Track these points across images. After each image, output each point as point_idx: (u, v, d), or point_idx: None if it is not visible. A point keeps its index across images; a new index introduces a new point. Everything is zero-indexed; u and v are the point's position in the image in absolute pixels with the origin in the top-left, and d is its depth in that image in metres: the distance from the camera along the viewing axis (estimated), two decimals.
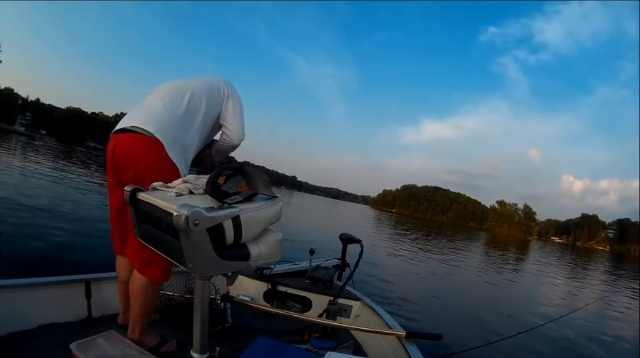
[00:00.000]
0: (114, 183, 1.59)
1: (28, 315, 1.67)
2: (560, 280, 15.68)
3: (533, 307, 8.55)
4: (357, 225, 26.67)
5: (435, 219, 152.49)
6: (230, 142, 1.77)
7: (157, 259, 1.48)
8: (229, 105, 1.73)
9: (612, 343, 6.48)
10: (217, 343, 1.48)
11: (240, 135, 1.77)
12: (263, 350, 1.69)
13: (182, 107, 1.58)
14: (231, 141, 1.77)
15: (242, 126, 1.77)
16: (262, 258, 1.25)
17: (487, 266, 15.70)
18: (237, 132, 1.75)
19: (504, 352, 4.20)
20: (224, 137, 1.77)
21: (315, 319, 2.07)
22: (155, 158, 1.48)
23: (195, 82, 1.70)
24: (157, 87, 1.70)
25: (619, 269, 30.64)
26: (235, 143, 1.78)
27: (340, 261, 2.84)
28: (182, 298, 2.18)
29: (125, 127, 1.51)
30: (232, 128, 1.74)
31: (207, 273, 1.18)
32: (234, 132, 1.75)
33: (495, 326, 6.09)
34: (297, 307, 2.52)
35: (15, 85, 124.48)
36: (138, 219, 1.32)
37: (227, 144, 1.79)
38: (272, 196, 1.30)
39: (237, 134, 1.76)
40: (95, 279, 1.91)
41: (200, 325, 1.24)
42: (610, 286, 16.64)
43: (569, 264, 27.62)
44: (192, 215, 1.00)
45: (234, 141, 1.77)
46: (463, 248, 23.80)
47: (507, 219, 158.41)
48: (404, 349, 1.80)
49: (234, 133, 1.75)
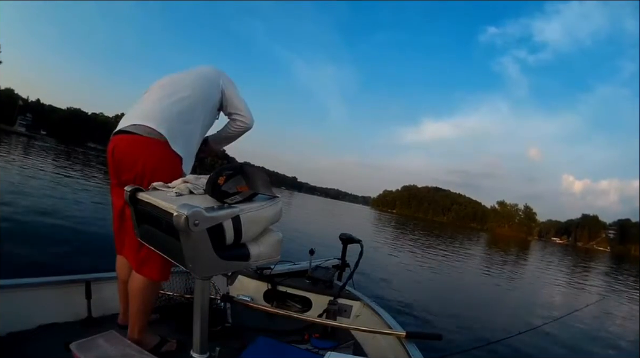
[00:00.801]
0: (115, 183, 1.60)
1: (28, 315, 1.67)
2: (561, 281, 15.66)
3: (533, 308, 8.55)
4: (358, 225, 26.66)
5: (436, 220, 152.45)
6: (245, 126, 1.80)
7: (154, 258, 1.48)
8: (230, 92, 1.76)
9: (612, 343, 6.48)
10: (217, 343, 1.48)
11: (251, 117, 1.81)
12: (263, 350, 1.69)
13: (179, 99, 1.58)
14: (246, 124, 1.80)
15: (249, 109, 1.81)
16: (262, 258, 1.25)
17: (487, 267, 15.68)
18: (249, 115, 1.79)
19: (504, 352, 4.20)
20: (237, 123, 1.79)
21: (315, 319, 2.07)
22: (154, 157, 1.48)
23: (190, 74, 1.72)
24: (153, 84, 1.71)
25: (619, 270, 30.60)
26: (250, 125, 1.82)
27: (340, 261, 2.85)
28: (182, 298, 2.18)
29: (123, 129, 1.51)
30: (243, 113, 1.78)
31: (207, 273, 1.18)
32: (247, 116, 1.79)
33: (495, 326, 6.10)
34: (297, 307, 2.52)
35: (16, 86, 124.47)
36: (138, 220, 1.32)
37: (241, 129, 1.81)
38: (272, 196, 1.30)
39: (249, 116, 1.80)
40: (95, 279, 1.91)
41: (200, 325, 1.24)
42: (610, 287, 16.64)
43: (569, 265, 27.58)
44: (192, 215, 1.00)
45: (249, 124, 1.81)
46: (463, 248, 23.79)
47: (508, 219, 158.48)
48: (404, 349, 1.80)
49: (247, 117, 1.79)
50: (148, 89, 1.70)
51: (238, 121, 1.79)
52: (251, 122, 1.80)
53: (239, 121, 1.79)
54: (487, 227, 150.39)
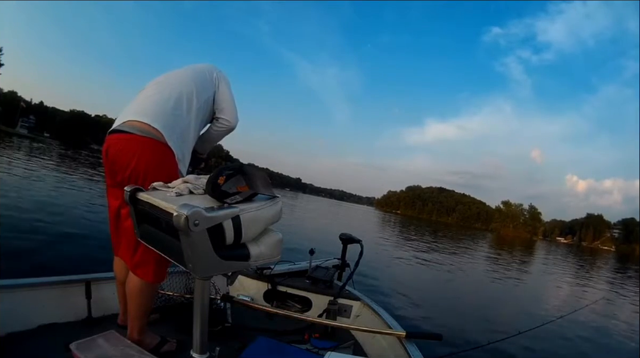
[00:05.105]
0: (111, 184, 1.60)
1: (28, 315, 1.68)
2: (564, 281, 15.60)
3: (534, 307, 8.52)
4: (359, 226, 26.62)
5: (440, 221, 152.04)
6: (228, 126, 1.78)
7: (150, 260, 1.49)
8: (223, 87, 1.75)
9: (613, 343, 6.45)
10: (217, 343, 1.48)
11: (236, 117, 1.78)
12: (263, 350, 1.69)
13: (174, 94, 1.58)
14: (230, 124, 1.77)
15: (236, 109, 1.78)
16: (262, 258, 1.25)
17: (490, 267, 15.61)
18: (234, 115, 1.77)
19: (504, 352, 4.19)
20: (220, 122, 1.77)
21: (315, 319, 2.07)
22: (148, 157, 1.47)
23: (185, 70, 1.72)
24: (149, 83, 1.71)
25: (623, 269, 30.44)
26: (233, 125, 1.79)
27: (340, 261, 2.85)
28: (182, 298, 2.18)
29: (117, 128, 1.51)
30: (228, 112, 1.76)
31: (207, 273, 1.18)
32: (231, 116, 1.76)
33: (496, 326, 6.08)
34: (297, 307, 2.52)
35: (19, 88, 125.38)
36: (138, 220, 1.32)
37: (224, 129, 1.79)
38: (272, 196, 1.30)
39: (234, 117, 1.77)
40: (95, 279, 1.92)
41: (200, 325, 1.24)
42: (613, 286, 16.53)
43: (573, 264, 27.44)
44: (192, 215, 0.99)
45: (232, 124, 1.78)
46: (467, 249, 23.72)
47: (513, 220, 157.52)
48: (404, 349, 1.80)
49: (231, 117, 1.76)
50: (144, 87, 1.69)
51: (221, 120, 1.77)
52: (235, 122, 1.78)
53: (221, 119, 1.76)
54: (492, 227, 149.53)
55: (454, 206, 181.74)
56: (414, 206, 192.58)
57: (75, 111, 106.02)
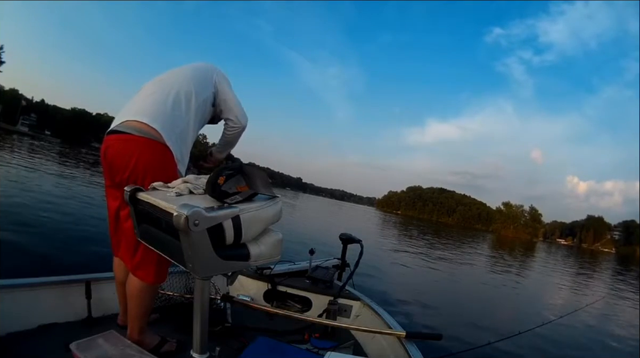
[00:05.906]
0: (109, 185, 1.59)
1: (28, 315, 1.67)
2: (564, 282, 15.60)
3: (534, 308, 8.54)
4: (360, 226, 26.61)
5: (441, 221, 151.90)
6: (238, 126, 1.77)
7: (150, 261, 1.48)
8: (223, 90, 1.73)
9: (613, 343, 6.45)
10: (217, 343, 1.48)
11: (244, 116, 1.77)
12: (263, 350, 1.69)
13: (172, 93, 1.57)
14: (240, 124, 1.76)
15: (242, 108, 1.77)
16: (262, 258, 1.25)
17: (491, 268, 15.61)
18: (241, 115, 1.76)
19: (504, 352, 4.19)
20: (230, 124, 1.76)
21: (316, 319, 2.07)
22: (146, 157, 1.46)
23: (183, 69, 1.71)
24: (147, 82, 1.69)
25: (623, 270, 30.41)
26: (244, 125, 1.78)
27: (340, 261, 2.85)
28: (182, 298, 2.18)
29: (115, 129, 1.50)
30: (235, 113, 1.74)
31: (207, 273, 1.18)
32: (239, 116, 1.75)
33: (496, 326, 6.08)
34: (297, 307, 2.52)
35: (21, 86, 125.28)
36: (138, 220, 1.32)
37: (236, 131, 1.78)
38: (272, 196, 1.30)
39: (242, 116, 1.76)
40: (95, 279, 1.91)
41: (200, 325, 1.24)
42: (613, 287, 16.53)
43: (573, 266, 27.44)
44: (192, 215, 0.99)
45: (242, 124, 1.77)
46: (468, 249, 23.71)
47: (513, 221, 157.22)
48: (404, 349, 1.80)
49: (239, 117, 1.75)
50: (142, 87, 1.68)
51: (230, 122, 1.76)
52: (244, 122, 1.77)
53: (230, 121, 1.76)
54: (492, 228, 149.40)
55: (454, 207, 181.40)
56: (414, 206, 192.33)
57: (76, 109, 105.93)
